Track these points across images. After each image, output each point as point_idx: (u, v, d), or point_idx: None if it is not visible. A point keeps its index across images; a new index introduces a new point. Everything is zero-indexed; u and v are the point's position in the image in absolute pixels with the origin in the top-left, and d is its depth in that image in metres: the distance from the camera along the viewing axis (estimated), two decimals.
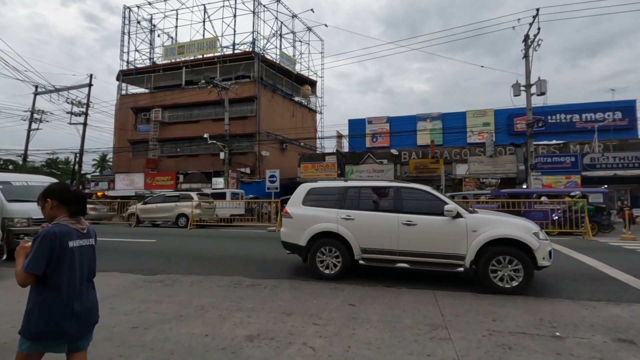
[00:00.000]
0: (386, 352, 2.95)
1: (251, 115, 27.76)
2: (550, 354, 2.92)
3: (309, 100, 36.20)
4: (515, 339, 3.22)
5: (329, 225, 5.57)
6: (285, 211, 6.08)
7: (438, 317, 3.80)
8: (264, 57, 29.29)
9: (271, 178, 18.01)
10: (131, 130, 31.23)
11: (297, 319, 3.74)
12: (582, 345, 3.11)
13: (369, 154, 24.86)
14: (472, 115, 28.27)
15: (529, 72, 17.03)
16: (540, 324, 3.61)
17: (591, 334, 3.35)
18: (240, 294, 4.74)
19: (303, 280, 5.57)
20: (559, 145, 22.10)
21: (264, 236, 12.69)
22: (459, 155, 23.07)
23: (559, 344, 3.12)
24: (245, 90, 27.32)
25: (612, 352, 2.97)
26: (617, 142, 20.98)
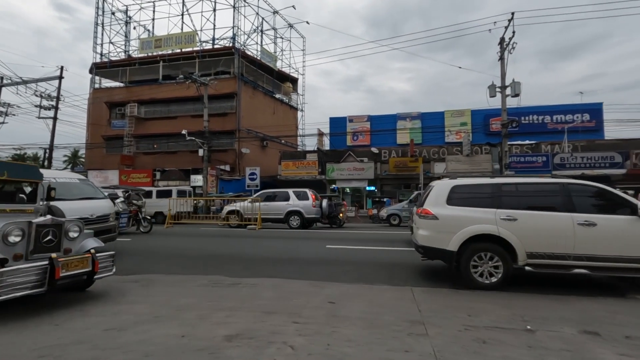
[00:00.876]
0: (365, 349, 2.97)
1: (231, 112, 27.36)
2: (522, 346, 3.03)
3: (290, 98, 36.03)
4: (489, 333, 3.31)
5: (488, 227, 4.91)
6: (425, 211, 5.35)
7: (416, 314, 3.87)
8: (244, 53, 28.89)
9: (251, 176, 17.86)
10: (105, 126, 30.14)
11: (278, 317, 3.72)
12: (552, 337, 3.23)
13: (350, 152, 25.01)
14: (450, 115, 28.92)
15: (504, 74, 17.57)
16: (513, 318, 3.74)
17: (560, 327, 3.49)
18: (220, 293, 4.67)
19: (284, 279, 5.54)
20: (531, 145, 22.95)
21: (245, 235, 12.56)
22: (437, 154, 23.57)
23: (531, 337, 3.24)
24: (225, 87, 26.87)
25: (579, 343, 3.11)
26: (585, 142, 21.99)
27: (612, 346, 3.05)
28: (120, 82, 31.72)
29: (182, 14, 29.82)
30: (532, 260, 4.82)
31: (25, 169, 4.92)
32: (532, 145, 22.88)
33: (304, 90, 37.06)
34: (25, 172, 4.88)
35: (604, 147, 21.31)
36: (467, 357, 2.83)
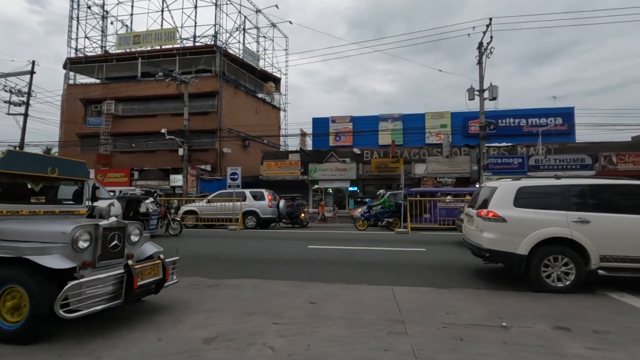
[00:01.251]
0: (346, 349, 2.99)
1: (212, 111, 26.95)
2: (498, 343, 3.11)
3: (272, 98, 35.82)
4: (467, 331, 3.39)
5: (560, 230, 4.80)
6: (491, 214, 5.17)
7: (396, 313, 3.92)
8: (226, 51, 28.52)
9: (233, 176, 17.59)
10: (80, 123, 29.09)
11: (258, 319, 3.69)
12: (526, 333, 3.34)
13: (332, 152, 25.08)
14: (430, 117, 29.45)
15: (482, 78, 18.04)
16: (490, 316, 3.84)
17: (534, 323, 3.61)
18: (199, 295, 4.58)
19: (265, 280, 5.50)
20: (508, 147, 23.66)
21: (226, 235, 12.39)
22: (418, 155, 23.95)
23: (506, 334, 3.33)
24: (207, 85, 26.45)
25: (552, 339, 3.22)
26: (557, 145, 22.86)
27: (581, 340, 3.18)
28: (97, 78, 30.70)
29: (162, 10, 29.17)
30: (606, 263, 4.74)
31: (75, 166, 4.37)
32: (509, 147, 23.60)
33: (287, 90, 36.98)
34: (75, 169, 4.36)
35: (575, 149, 22.21)
36: (445, 354, 2.88)
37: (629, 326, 3.55)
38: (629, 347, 3.05)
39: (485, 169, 18.23)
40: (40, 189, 4.10)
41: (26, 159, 3.83)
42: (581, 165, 20.52)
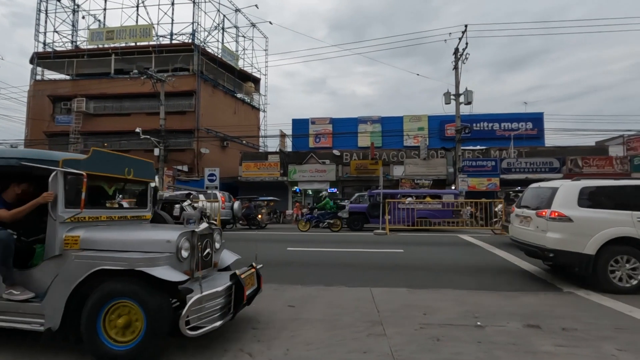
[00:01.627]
0: (325, 352, 2.97)
1: (190, 111, 26.38)
2: (473, 342, 3.18)
3: (252, 98, 35.47)
4: (443, 331, 3.45)
5: (626, 230, 4.83)
6: (557, 213, 5.15)
7: (375, 314, 3.94)
8: (204, 50, 28.02)
9: (210, 177, 17.32)
10: (48, 121, 27.80)
11: (236, 324, 3.61)
12: (499, 332, 3.43)
13: (312, 154, 25.09)
14: (408, 120, 30.00)
15: (458, 83, 18.56)
16: (465, 315, 3.92)
17: (507, 322, 3.72)
18: None
19: None
20: (482, 150, 24.42)
21: None
22: (396, 158, 24.33)
23: (481, 333, 3.41)
24: (184, 84, 25.87)
25: (523, 337, 3.32)
26: (528, 149, 23.80)
27: (550, 338, 3.30)
28: (66, 74, 29.43)
29: (138, 5, 28.31)
30: None
31: (144, 166, 3.94)
32: (483, 150, 24.37)
33: (267, 90, 36.71)
34: (145, 169, 3.93)
35: (544, 153, 23.20)
36: (422, 355, 2.92)
37: (594, 322, 3.72)
38: (595, 343, 3.19)
39: (461, 171, 18.73)
40: (113, 192, 3.80)
41: (107, 158, 3.46)
42: (550, 168, 21.45)
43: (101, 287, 2.69)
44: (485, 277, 5.94)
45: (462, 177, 18.25)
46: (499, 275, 6.10)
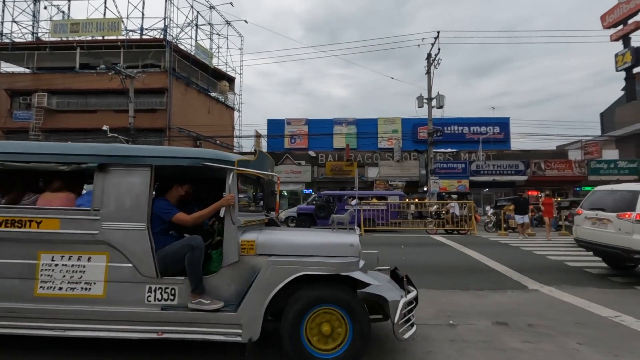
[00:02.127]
0: None
1: (161, 109, 25.54)
2: (445, 341, 3.27)
3: (226, 97, 34.85)
4: (417, 330, 3.52)
5: None
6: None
7: None
8: (177, 46, 27.23)
9: None
10: (5, 117, 26.03)
11: None
12: (470, 330, 3.56)
13: (287, 154, 24.99)
14: (383, 123, 30.51)
15: (431, 87, 19.09)
16: (438, 315, 4.03)
17: (477, 320, 3.86)
18: None
19: None
20: (452, 153, 25.24)
21: None
22: (371, 159, 24.69)
23: (453, 331, 3.52)
24: (155, 81, 25.02)
25: (493, 334, 3.46)
26: (495, 152, 24.84)
27: (517, 334, 3.45)
28: (26, 67, 27.68)
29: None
30: None
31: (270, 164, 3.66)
32: (453, 153, 25.19)
33: (242, 90, 36.19)
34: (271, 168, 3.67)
35: (510, 156, 24.29)
36: (397, 354, 2.97)
37: (557, 319, 3.93)
38: (559, 338, 3.36)
39: (433, 173, 19.27)
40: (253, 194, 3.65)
41: (263, 158, 3.34)
42: (515, 170, 22.47)
43: (302, 293, 2.62)
44: (457, 277, 6.14)
45: (434, 179, 18.76)
46: (470, 275, 6.31)
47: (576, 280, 5.86)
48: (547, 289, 5.28)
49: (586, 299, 4.69)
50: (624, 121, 24.84)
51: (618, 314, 4.10)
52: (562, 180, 22.08)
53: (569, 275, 6.26)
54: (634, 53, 23.80)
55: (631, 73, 25.14)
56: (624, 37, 24.32)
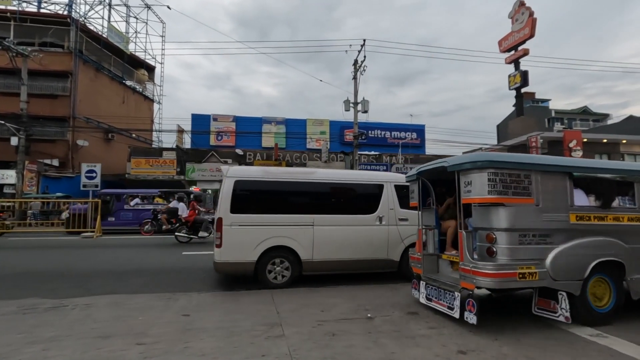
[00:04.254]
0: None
1: (64, 95, 22.43)
2: (364, 333, 3.46)
3: (145, 87, 31.99)
4: (339, 326, 3.66)
5: None
6: None
7: (274, 316, 3.96)
8: (84, 26, 24.19)
9: (89, 173, 14.95)
10: None
11: (117, 341, 3.20)
12: (385, 321, 3.81)
13: (213, 152, 23.94)
14: (311, 124, 31.04)
15: (357, 92, 20.00)
16: (357, 309, 4.24)
17: (392, 311, 4.15)
18: (34, 322, 3.71)
19: (127, 294, 4.83)
20: (375, 155, 26.78)
21: (78, 244, 10.45)
22: (299, 159, 24.94)
23: (370, 324, 3.73)
24: (57, 63, 21.90)
25: (404, 323, 3.75)
26: (412, 156, 27.02)
27: (425, 322, 3.80)
28: None
29: None
30: None
31: None
32: (376, 155, 26.74)
33: (163, 80, 33.60)
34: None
35: (425, 160, 26.65)
36: (319, 351, 3.04)
37: None
38: (456, 323, 3.79)
39: None
40: None
41: None
42: None
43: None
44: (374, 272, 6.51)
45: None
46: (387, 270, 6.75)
47: None
48: None
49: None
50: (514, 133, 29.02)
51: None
52: None
53: None
54: (522, 75, 27.94)
55: (520, 92, 29.46)
56: (515, 61, 28.42)
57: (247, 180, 5.44)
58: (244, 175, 5.47)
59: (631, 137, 27.07)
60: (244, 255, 5.13)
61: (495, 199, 3.52)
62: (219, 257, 5.08)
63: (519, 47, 28.17)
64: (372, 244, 5.74)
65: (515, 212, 3.55)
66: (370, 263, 5.82)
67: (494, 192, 3.51)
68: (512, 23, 28.41)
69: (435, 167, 4.29)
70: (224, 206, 5.17)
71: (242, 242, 5.14)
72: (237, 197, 5.22)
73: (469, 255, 3.66)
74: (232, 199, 5.19)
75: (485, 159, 3.63)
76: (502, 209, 3.55)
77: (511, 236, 3.51)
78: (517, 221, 3.54)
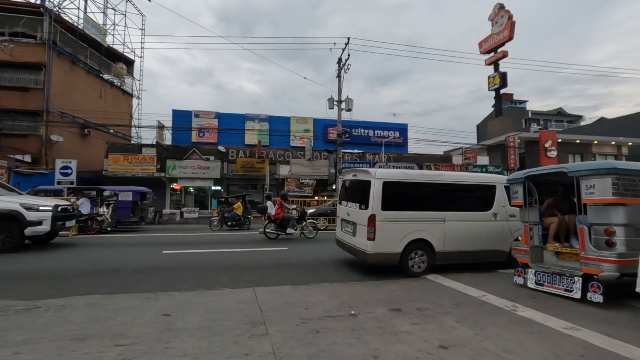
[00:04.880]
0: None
1: (36, 88, 21.48)
2: (347, 331, 3.47)
3: (123, 81, 31.04)
4: (322, 323, 3.66)
5: None
6: None
7: (257, 314, 3.92)
8: (59, 16, 23.22)
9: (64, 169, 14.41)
10: None
11: (93, 343, 3.09)
12: (369, 318, 3.84)
13: (195, 149, 23.48)
14: (295, 121, 30.89)
15: (341, 90, 20.03)
16: (341, 306, 4.25)
17: (375, 308, 4.19)
18: (4, 325, 3.54)
19: (105, 295, 4.68)
20: (359, 154, 26.91)
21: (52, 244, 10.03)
22: (283, 157, 24.78)
23: (354, 321, 3.75)
24: (28, 54, 20.96)
25: (388, 320, 3.79)
26: (395, 155, 27.31)
27: (408, 318, 3.85)
28: None
29: None
30: None
31: None
32: (360, 154, 26.88)
33: (142, 75, 32.67)
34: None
35: (407, 159, 27.01)
36: (302, 349, 3.03)
37: (438, 302, 4.50)
38: (440, 318, 3.86)
39: (341, 172, 20.26)
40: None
41: None
42: None
43: None
44: (357, 269, 6.57)
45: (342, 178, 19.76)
46: (368, 266, 6.81)
47: (455, 267, 6.80)
48: (432, 276, 6.02)
49: (462, 282, 5.49)
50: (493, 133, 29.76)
51: (484, 293, 4.89)
52: None
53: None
54: (501, 77, 28.67)
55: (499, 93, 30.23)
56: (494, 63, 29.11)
57: (392, 182, 6.11)
58: (389, 177, 6.19)
59: (602, 138, 28.25)
60: (393, 247, 5.88)
61: (617, 200, 4.28)
62: (372, 249, 5.77)
63: (499, 49, 28.86)
64: (489, 237, 6.58)
65: (633, 210, 4.31)
66: (487, 254, 6.65)
67: (617, 194, 4.28)
68: (492, 25, 29.08)
69: (551, 171, 5.14)
70: (376, 204, 5.86)
71: (391, 236, 5.87)
72: (385, 196, 5.91)
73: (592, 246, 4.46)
74: (382, 198, 5.87)
75: (610, 166, 4.35)
76: (621, 208, 4.29)
77: (629, 230, 4.29)
78: (634, 218, 4.30)
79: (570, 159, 27.24)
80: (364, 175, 6.36)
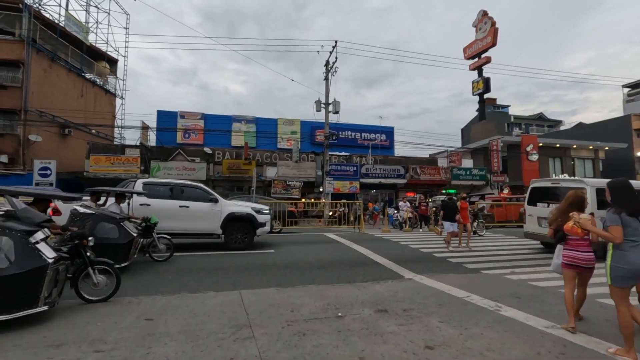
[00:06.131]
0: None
1: (14, 85, 20.80)
2: (333, 332, 3.45)
3: (106, 81, 30.35)
4: (308, 325, 3.64)
5: None
6: None
7: (243, 317, 3.86)
8: (39, 13, 22.58)
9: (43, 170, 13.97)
10: None
11: (71, 349, 2.99)
12: (355, 320, 3.83)
13: (180, 150, 23.14)
14: (282, 123, 30.80)
15: (328, 92, 20.08)
16: (327, 308, 4.23)
17: (361, 310, 4.18)
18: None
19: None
20: (345, 156, 27.01)
21: None
22: (270, 159, 24.66)
23: (340, 323, 3.74)
24: (7, 51, 20.30)
25: (374, 321, 3.79)
26: (382, 157, 27.52)
27: (394, 319, 3.86)
28: None
29: None
30: None
31: None
32: (346, 156, 26.98)
33: (126, 74, 32.02)
34: None
35: (393, 161, 27.26)
36: (288, 352, 3.00)
37: (424, 302, 4.54)
38: (424, 319, 3.88)
39: (328, 174, 20.28)
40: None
41: None
42: (397, 174, 25.28)
43: None
44: (344, 271, 6.57)
45: (329, 180, 19.77)
46: (356, 268, 6.83)
47: (440, 269, 6.88)
48: (418, 277, 6.06)
49: (446, 283, 5.55)
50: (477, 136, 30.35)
51: (468, 294, 4.95)
52: (432, 184, 25.77)
53: (435, 265, 7.33)
54: (485, 82, 29.30)
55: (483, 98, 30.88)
56: (478, 68, 29.74)
57: (600, 188, 7.31)
58: (597, 184, 7.63)
59: (581, 142, 29.17)
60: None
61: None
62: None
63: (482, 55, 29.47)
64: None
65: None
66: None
67: None
68: (475, 31, 29.72)
69: None
70: (593, 206, 7.24)
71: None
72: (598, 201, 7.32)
73: None
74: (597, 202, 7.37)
75: None
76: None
77: None
78: None
79: (551, 163, 28.01)
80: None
